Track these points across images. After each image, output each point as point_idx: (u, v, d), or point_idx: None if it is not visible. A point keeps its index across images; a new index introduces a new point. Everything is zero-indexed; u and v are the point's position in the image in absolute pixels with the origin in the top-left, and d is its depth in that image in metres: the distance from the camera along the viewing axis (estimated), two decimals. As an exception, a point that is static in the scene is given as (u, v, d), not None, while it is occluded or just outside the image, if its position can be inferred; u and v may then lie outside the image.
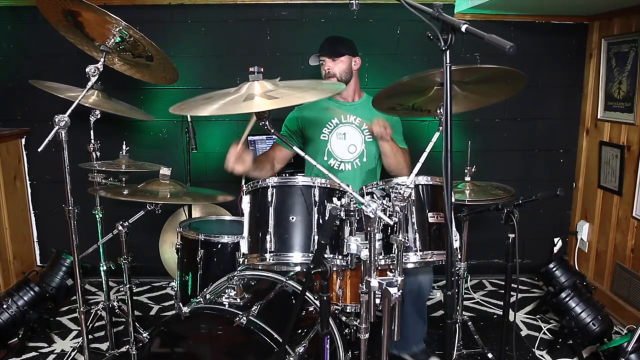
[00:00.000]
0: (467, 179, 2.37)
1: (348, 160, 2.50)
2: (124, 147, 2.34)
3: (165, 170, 2.22)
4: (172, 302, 3.24)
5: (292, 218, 1.65)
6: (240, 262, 1.75)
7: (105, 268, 2.48)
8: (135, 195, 2.06)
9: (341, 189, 1.65)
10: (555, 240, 3.64)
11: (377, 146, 2.50)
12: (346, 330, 2.02)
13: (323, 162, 2.49)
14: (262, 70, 1.60)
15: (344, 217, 1.59)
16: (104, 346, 2.62)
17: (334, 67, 2.46)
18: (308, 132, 2.56)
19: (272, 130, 1.57)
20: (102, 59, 1.80)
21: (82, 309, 1.85)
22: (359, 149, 2.50)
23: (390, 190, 1.56)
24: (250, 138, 3.19)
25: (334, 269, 1.69)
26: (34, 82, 2.17)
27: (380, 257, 1.61)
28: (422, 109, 1.86)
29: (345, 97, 2.55)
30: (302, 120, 2.58)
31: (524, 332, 2.88)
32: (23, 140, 3.46)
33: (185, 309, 1.74)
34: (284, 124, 2.65)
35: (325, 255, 1.58)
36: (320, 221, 1.65)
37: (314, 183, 1.67)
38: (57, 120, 1.62)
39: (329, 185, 1.69)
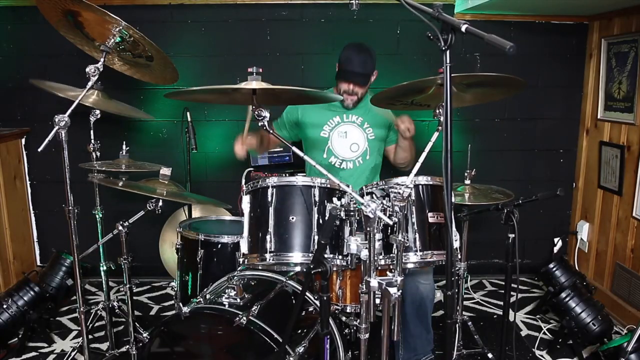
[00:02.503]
0: (467, 182, 2.37)
1: (350, 159, 2.50)
2: (124, 147, 2.34)
3: (165, 171, 2.22)
4: (172, 302, 3.24)
5: (292, 218, 1.65)
6: (240, 262, 1.76)
7: (105, 268, 2.48)
8: (133, 187, 2.06)
9: (341, 189, 1.65)
10: (555, 240, 3.64)
11: (380, 143, 2.53)
12: (346, 330, 2.02)
13: (322, 159, 2.50)
14: (260, 70, 1.60)
15: (344, 217, 1.60)
16: (104, 346, 2.62)
17: (360, 90, 2.43)
18: (308, 128, 2.53)
19: (271, 131, 1.57)
20: (102, 59, 1.80)
21: (82, 309, 1.85)
22: (361, 147, 2.50)
23: (390, 190, 1.56)
24: (250, 138, 3.19)
25: (334, 269, 1.69)
26: (34, 82, 2.17)
27: (380, 257, 1.61)
28: (422, 104, 1.86)
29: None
30: (302, 112, 2.54)
31: (524, 332, 2.88)
32: (23, 140, 3.45)
33: (185, 309, 1.74)
34: (284, 111, 2.62)
35: (325, 255, 1.58)
36: (320, 221, 1.65)
37: (314, 183, 1.67)
38: (57, 120, 1.62)
39: (329, 185, 1.69)
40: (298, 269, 1.84)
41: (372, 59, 2.42)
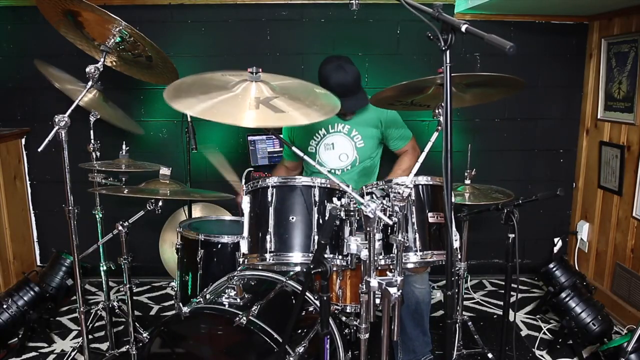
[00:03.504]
0: (467, 182, 2.37)
1: (338, 168, 2.49)
2: (123, 147, 2.34)
3: (165, 170, 2.22)
4: (172, 302, 3.24)
5: (292, 218, 1.65)
6: (240, 262, 1.75)
7: (105, 268, 2.48)
8: (136, 192, 2.07)
9: (341, 189, 1.65)
10: (555, 240, 3.64)
11: (372, 146, 2.49)
12: (346, 330, 2.02)
13: (314, 172, 2.51)
14: (260, 70, 1.60)
15: (344, 217, 1.59)
16: (104, 346, 2.62)
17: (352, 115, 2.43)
18: (297, 144, 2.52)
19: (271, 131, 1.57)
20: (102, 59, 1.80)
21: (82, 309, 1.86)
22: (350, 157, 2.47)
23: (390, 190, 1.56)
24: (250, 138, 3.19)
25: (334, 269, 1.69)
26: (37, 63, 2.15)
27: (380, 257, 1.61)
28: (422, 104, 1.86)
29: None
30: (292, 131, 2.57)
31: (524, 332, 2.88)
32: (23, 140, 3.45)
33: (185, 309, 1.74)
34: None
35: (325, 255, 1.58)
36: (320, 221, 1.65)
37: (314, 183, 1.67)
38: (57, 120, 1.62)
39: (329, 185, 1.69)
40: (298, 269, 1.84)
41: (358, 76, 2.31)
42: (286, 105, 1.50)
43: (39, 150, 1.59)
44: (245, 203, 1.73)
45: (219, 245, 2.19)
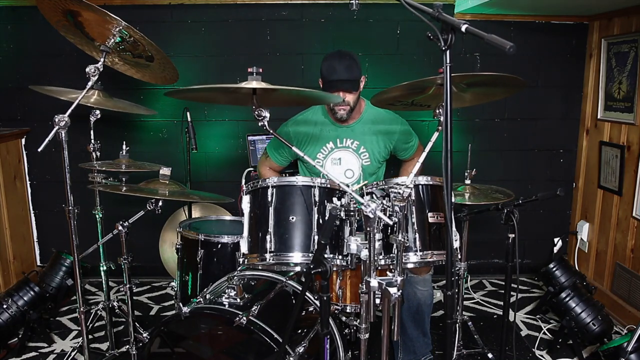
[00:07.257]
0: (467, 182, 2.37)
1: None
2: (124, 147, 2.34)
3: (165, 170, 2.22)
4: (172, 302, 3.24)
5: (292, 218, 1.65)
6: (240, 262, 1.75)
7: (105, 268, 2.48)
8: (135, 191, 2.07)
9: (341, 189, 1.66)
10: (555, 240, 3.64)
11: (376, 165, 2.44)
12: (346, 330, 2.02)
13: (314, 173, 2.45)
14: (261, 70, 1.60)
15: (344, 217, 1.59)
16: (104, 346, 2.62)
17: (351, 98, 2.27)
18: (301, 159, 2.39)
19: (272, 131, 1.57)
20: (102, 59, 1.80)
21: (82, 309, 1.85)
22: (356, 174, 2.42)
23: (390, 190, 1.56)
24: (250, 138, 3.19)
25: (334, 269, 1.69)
26: (33, 87, 2.18)
27: (380, 257, 1.61)
28: (422, 104, 1.86)
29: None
30: (296, 140, 2.43)
31: (524, 332, 2.88)
32: (23, 140, 3.46)
33: (185, 309, 1.74)
34: (273, 145, 2.52)
35: (325, 255, 1.58)
36: (320, 221, 1.65)
37: (314, 183, 1.67)
38: (57, 120, 1.62)
39: (329, 185, 1.69)
40: (298, 269, 1.84)
41: (357, 62, 2.25)
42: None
43: (39, 150, 1.58)
44: (245, 203, 1.73)
45: (219, 245, 2.19)
